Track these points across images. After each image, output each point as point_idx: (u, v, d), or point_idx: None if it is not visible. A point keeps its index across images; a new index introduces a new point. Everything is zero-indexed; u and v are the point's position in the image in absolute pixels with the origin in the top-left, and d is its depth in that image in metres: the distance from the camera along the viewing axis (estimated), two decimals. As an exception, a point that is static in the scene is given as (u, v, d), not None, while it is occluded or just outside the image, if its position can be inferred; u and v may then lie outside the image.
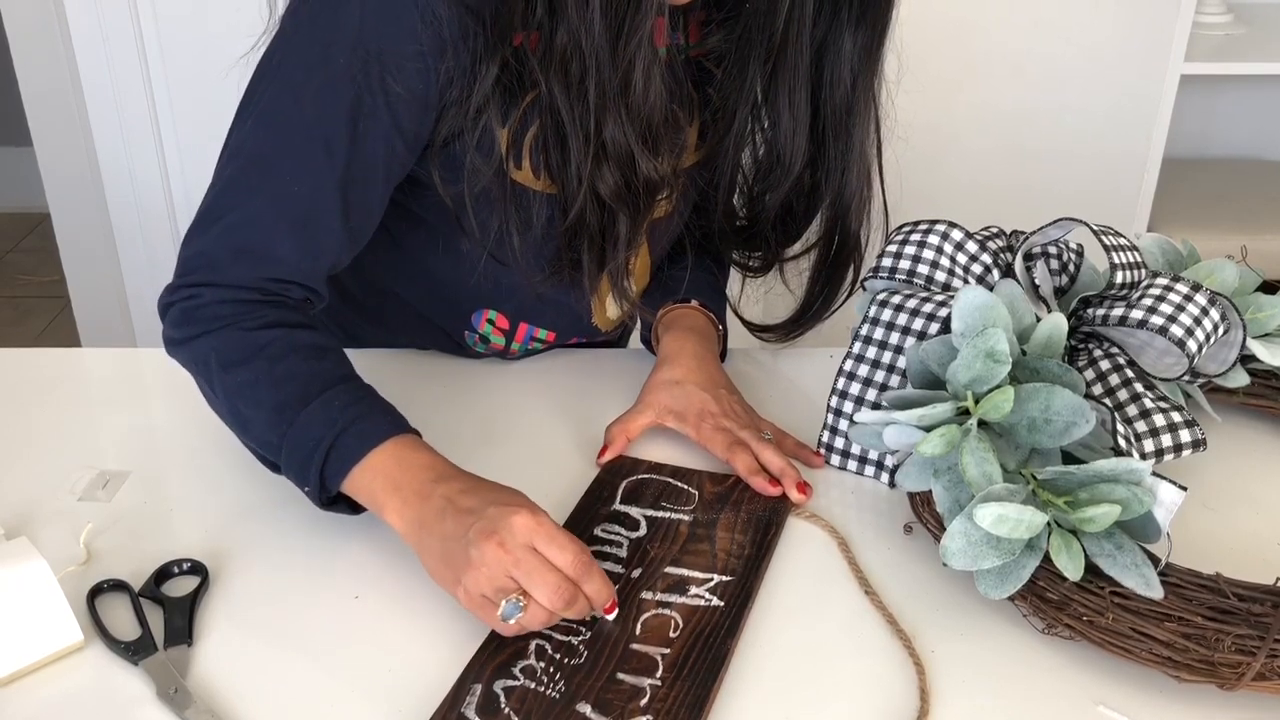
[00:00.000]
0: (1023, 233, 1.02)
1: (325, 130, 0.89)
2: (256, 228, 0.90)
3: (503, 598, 0.78)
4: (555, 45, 0.87)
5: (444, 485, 0.83)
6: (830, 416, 1.00)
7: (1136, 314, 0.94)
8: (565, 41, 0.86)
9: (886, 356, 0.97)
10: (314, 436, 0.85)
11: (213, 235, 0.91)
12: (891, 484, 0.98)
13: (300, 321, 0.92)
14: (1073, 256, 1.02)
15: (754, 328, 1.16)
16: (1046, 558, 0.79)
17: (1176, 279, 0.96)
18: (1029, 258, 1.01)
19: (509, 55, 0.89)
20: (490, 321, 1.11)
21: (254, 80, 0.92)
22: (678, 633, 0.81)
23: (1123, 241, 0.97)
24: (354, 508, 0.88)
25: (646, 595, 0.85)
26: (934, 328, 0.95)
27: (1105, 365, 0.97)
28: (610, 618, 0.82)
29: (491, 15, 0.88)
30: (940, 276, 1.00)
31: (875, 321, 0.99)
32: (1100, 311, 0.97)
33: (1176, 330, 0.92)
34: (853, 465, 1.00)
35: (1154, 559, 0.78)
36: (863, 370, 0.98)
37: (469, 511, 0.80)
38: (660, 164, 0.94)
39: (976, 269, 1.00)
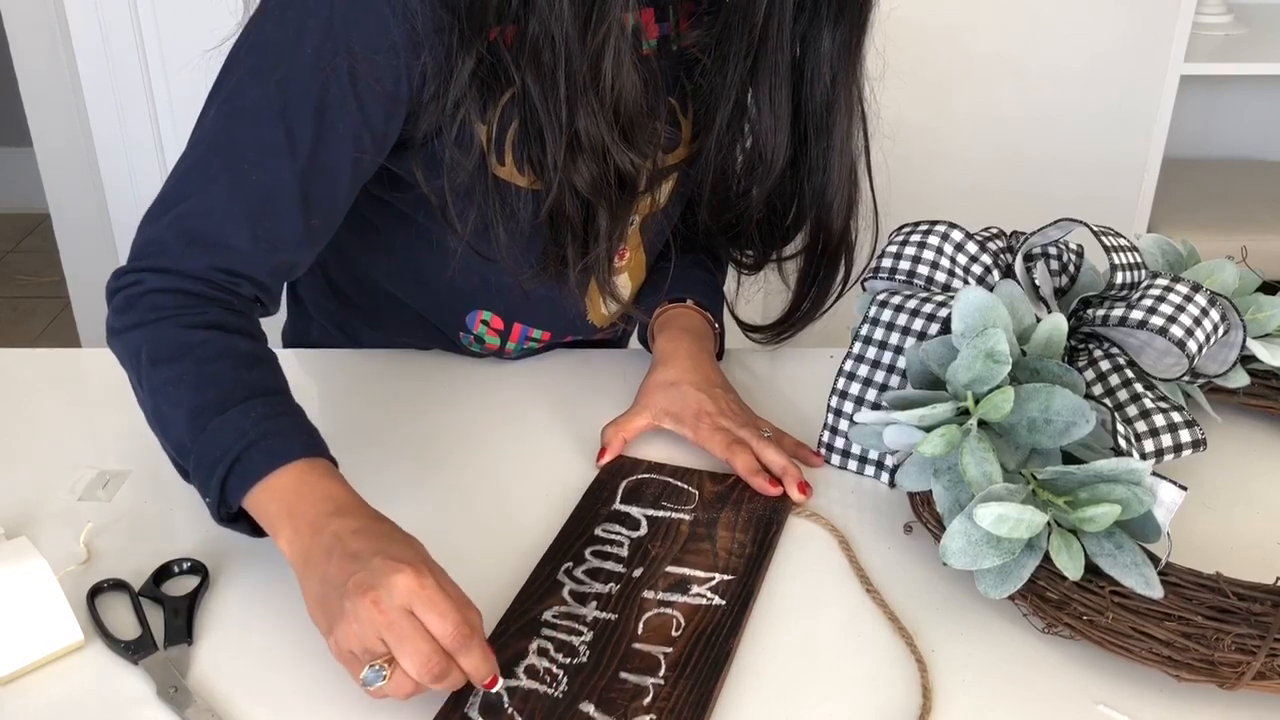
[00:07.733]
0: (1023, 233, 1.02)
1: (289, 120, 0.87)
2: (211, 215, 0.88)
3: (369, 659, 0.71)
4: (529, 36, 0.87)
5: (338, 521, 0.77)
6: (830, 416, 1.00)
7: (1136, 314, 0.94)
8: (537, 31, 0.86)
9: (886, 356, 0.97)
10: (222, 446, 0.80)
11: (166, 221, 0.88)
12: (891, 484, 0.98)
13: (241, 327, 0.88)
14: (1073, 257, 1.02)
15: (745, 327, 1.16)
16: (1046, 557, 0.79)
17: (1176, 279, 0.96)
18: (1029, 258, 1.01)
19: (484, 50, 0.88)
20: (484, 322, 1.11)
21: (223, 68, 0.91)
22: (680, 632, 0.81)
23: (1123, 242, 0.97)
24: (255, 529, 0.83)
25: (648, 594, 0.85)
26: (934, 328, 0.95)
27: (1105, 365, 0.97)
28: (494, 690, 0.74)
29: (466, 7, 0.87)
30: (940, 277, 1.00)
31: (875, 322, 0.99)
32: (1100, 312, 0.97)
33: (1176, 331, 0.92)
34: (853, 465, 1.00)
35: (1154, 558, 0.78)
36: (863, 370, 0.98)
37: (354, 557, 0.74)
38: (635, 156, 0.93)
39: (976, 269, 1.00)
